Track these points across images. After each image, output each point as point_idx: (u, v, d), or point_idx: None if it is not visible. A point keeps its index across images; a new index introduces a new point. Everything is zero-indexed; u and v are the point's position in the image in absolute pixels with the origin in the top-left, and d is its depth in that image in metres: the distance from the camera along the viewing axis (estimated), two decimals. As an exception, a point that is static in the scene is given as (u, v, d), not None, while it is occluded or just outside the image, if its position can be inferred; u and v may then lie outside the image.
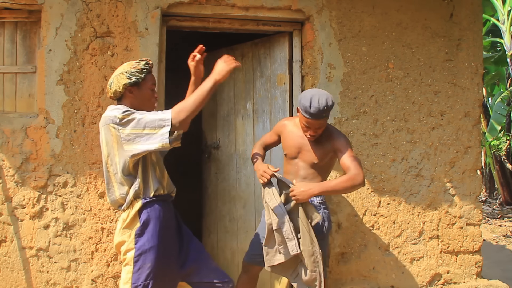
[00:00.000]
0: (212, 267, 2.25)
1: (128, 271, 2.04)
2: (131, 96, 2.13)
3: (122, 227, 2.08)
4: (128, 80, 2.09)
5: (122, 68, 2.14)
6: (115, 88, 2.11)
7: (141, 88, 2.13)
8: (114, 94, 2.13)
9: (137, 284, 2.01)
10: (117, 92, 2.11)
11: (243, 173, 3.31)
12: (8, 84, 2.78)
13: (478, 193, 3.19)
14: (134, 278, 2.01)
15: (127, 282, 2.03)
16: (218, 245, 3.44)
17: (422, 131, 3.10)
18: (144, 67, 2.13)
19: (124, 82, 2.09)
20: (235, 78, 3.42)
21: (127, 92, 2.11)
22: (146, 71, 2.14)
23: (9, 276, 2.65)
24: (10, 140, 2.66)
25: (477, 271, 3.16)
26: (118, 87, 2.10)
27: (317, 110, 2.23)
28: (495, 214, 8.69)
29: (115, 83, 2.11)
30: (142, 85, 2.13)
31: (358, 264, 2.99)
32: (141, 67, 2.13)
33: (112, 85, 2.12)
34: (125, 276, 2.05)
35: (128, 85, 2.10)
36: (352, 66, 3.02)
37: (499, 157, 9.45)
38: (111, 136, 2.02)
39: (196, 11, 2.90)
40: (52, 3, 2.69)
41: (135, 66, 2.13)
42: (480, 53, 3.22)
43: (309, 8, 2.97)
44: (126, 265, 2.06)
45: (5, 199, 2.65)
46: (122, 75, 2.11)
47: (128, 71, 2.11)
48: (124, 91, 2.11)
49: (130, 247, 2.04)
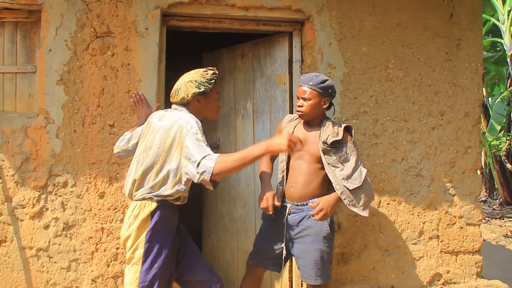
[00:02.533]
0: (203, 264, 2.30)
1: (136, 271, 2.07)
2: (197, 104, 2.22)
3: (133, 223, 2.10)
4: (198, 89, 2.18)
5: (191, 76, 2.21)
6: (183, 95, 2.19)
7: (207, 98, 2.23)
8: (180, 100, 2.21)
9: (145, 283, 2.04)
10: (184, 99, 2.20)
11: (243, 173, 3.31)
12: (8, 84, 2.78)
13: (478, 193, 3.19)
14: (141, 278, 2.05)
15: (134, 281, 2.06)
16: (218, 245, 3.44)
17: (422, 131, 3.10)
18: (212, 77, 2.21)
19: (193, 91, 2.18)
20: (235, 78, 3.42)
21: (195, 100, 2.21)
22: (214, 81, 2.22)
23: (9, 276, 2.65)
24: (10, 140, 2.66)
25: (477, 271, 3.16)
26: (187, 94, 2.18)
27: (306, 75, 2.45)
28: (495, 214, 8.69)
29: (183, 90, 2.19)
30: (209, 95, 2.23)
31: (358, 264, 2.99)
32: (209, 77, 2.20)
33: (180, 92, 2.20)
34: (132, 276, 2.08)
35: (196, 94, 2.18)
36: (352, 66, 3.02)
37: (499, 157, 9.45)
38: (180, 138, 2.08)
39: (196, 11, 2.90)
40: (52, 3, 2.70)
41: (204, 76, 2.20)
42: (480, 53, 3.22)
43: (309, 8, 2.97)
44: (134, 264, 2.08)
45: (5, 199, 2.65)
46: (191, 83, 2.18)
47: (197, 80, 2.19)
48: (192, 99, 2.19)
49: (139, 246, 2.08)
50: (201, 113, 2.25)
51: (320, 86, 2.40)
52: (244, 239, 3.27)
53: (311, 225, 2.38)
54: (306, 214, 2.40)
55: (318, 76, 2.43)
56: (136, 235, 2.09)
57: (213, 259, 3.46)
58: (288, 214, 2.43)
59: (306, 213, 2.40)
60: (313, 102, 2.40)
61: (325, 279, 2.39)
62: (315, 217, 2.32)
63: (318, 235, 2.37)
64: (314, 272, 2.37)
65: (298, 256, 2.42)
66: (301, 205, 2.42)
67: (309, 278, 2.39)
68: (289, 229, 2.42)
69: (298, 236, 2.41)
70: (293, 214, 2.43)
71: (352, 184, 2.33)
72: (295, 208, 2.43)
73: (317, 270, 2.37)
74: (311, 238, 2.37)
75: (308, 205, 2.40)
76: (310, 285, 2.44)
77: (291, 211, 2.43)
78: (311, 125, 2.49)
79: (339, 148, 2.37)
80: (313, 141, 2.43)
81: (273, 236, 2.47)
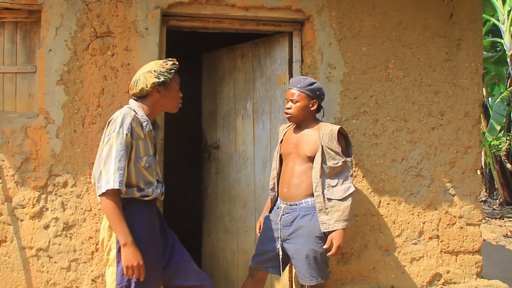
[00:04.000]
0: (193, 270, 2.23)
1: (112, 272, 2.01)
2: (158, 95, 2.14)
3: (105, 223, 2.05)
4: (157, 79, 2.09)
5: (150, 67, 2.14)
6: (142, 85, 2.10)
7: (168, 88, 2.15)
8: (140, 92, 2.12)
9: (122, 285, 1.98)
10: (143, 90, 2.11)
11: (243, 173, 3.31)
12: (8, 84, 2.78)
13: (478, 193, 3.19)
14: (118, 279, 1.99)
15: (112, 283, 2.00)
16: (218, 245, 3.44)
17: (422, 131, 3.10)
18: (172, 67, 2.14)
19: (153, 81, 2.09)
20: (235, 78, 3.42)
21: (155, 91, 2.12)
22: (174, 72, 2.15)
23: (9, 276, 2.65)
24: (10, 140, 2.66)
25: (477, 271, 3.16)
26: (146, 85, 2.10)
27: (295, 78, 2.53)
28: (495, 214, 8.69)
29: (142, 80, 2.10)
30: (169, 85, 2.15)
31: (358, 264, 2.99)
32: (169, 67, 2.13)
33: (139, 83, 2.11)
34: (109, 278, 2.02)
35: (156, 84, 2.10)
36: (352, 66, 3.02)
37: (499, 157, 9.45)
38: (102, 139, 2.05)
39: (196, 11, 2.90)
40: (52, 3, 2.69)
41: (164, 66, 2.13)
42: (480, 53, 3.22)
43: (309, 8, 2.97)
44: (110, 266, 2.03)
45: (5, 199, 2.65)
46: (150, 73, 2.10)
47: (156, 70, 2.11)
48: (152, 90, 2.11)
49: (112, 247, 2.02)
50: (162, 105, 2.17)
51: (308, 88, 2.45)
52: (244, 239, 3.27)
53: (303, 225, 2.40)
54: (299, 214, 2.42)
55: (307, 78, 2.49)
56: (109, 235, 2.03)
57: (213, 259, 3.46)
58: (283, 215, 2.47)
59: (299, 213, 2.43)
60: (302, 104, 2.45)
61: (321, 279, 2.41)
62: (332, 254, 2.36)
63: (310, 235, 2.38)
64: (308, 272, 2.39)
65: (293, 256, 2.45)
66: (294, 205, 2.45)
67: (305, 278, 2.41)
68: (283, 229, 2.46)
69: (292, 237, 2.43)
70: (286, 215, 2.46)
71: (332, 194, 2.38)
72: (289, 208, 2.47)
73: (311, 270, 2.38)
74: (304, 238, 2.39)
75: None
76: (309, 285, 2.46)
77: (285, 212, 2.47)
78: (301, 128, 2.53)
79: (336, 159, 2.40)
80: (303, 143, 2.48)
81: (271, 238, 2.50)
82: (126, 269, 1.92)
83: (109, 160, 1.96)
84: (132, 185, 2.06)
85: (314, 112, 2.52)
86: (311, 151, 2.43)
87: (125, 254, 1.93)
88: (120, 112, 2.06)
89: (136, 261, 1.92)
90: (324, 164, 2.39)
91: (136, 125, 2.06)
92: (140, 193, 2.06)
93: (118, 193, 1.98)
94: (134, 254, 1.93)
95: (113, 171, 1.94)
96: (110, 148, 1.98)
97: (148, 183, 2.12)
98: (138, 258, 1.93)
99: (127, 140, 2.00)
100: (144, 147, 2.10)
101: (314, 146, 2.43)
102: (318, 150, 2.40)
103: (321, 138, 2.41)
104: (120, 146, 1.97)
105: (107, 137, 2.00)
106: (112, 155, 1.96)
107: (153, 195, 2.12)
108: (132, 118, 2.04)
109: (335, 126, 2.45)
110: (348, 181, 2.42)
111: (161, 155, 2.90)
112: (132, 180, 2.06)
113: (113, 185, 1.92)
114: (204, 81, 3.66)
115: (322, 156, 2.39)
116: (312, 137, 2.46)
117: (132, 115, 2.06)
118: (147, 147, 2.12)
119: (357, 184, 2.99)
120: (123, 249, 1.93)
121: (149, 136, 2.15)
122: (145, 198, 2.09)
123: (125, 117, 2.03)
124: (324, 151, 2.39)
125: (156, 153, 2.24)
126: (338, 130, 2.43)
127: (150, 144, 2.16)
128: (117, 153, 1.96)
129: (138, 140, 2.06)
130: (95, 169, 2.02)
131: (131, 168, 2.04)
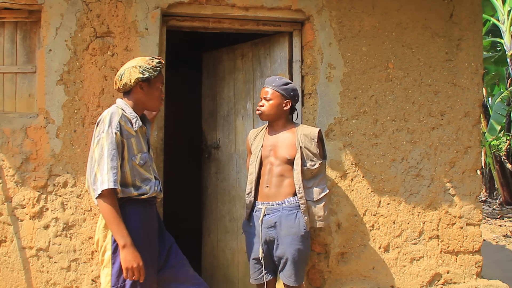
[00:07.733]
0: (189, 274, 2.22)
1: (107, 274, 2.00)
2: (140, 92, 2.12)
3: (100, 224, 2.05)
4: (141, 75, 2.07)
5: (135, 62, 2.12)
6: (126, 80, 2.09)
7: (151, 86, 2.13)
8: (123, 87, 2.11)
9: (117, 286, 1.97)
10: (127, 84, 2.09)
11: (243, 173, 3.31)
12: (8, 84, 2.78)
13: (478, 193, 3.19)
14: (113, 281, 1.98)
15: (107, 285, 2.00)
16: (218, 245, 3.44)
17: (422, 131, 3.10)
18: (157, 65, 2.13)
19: (137, 76, 2.07)
20: (235, 78, 3.42)
21: (138, 87, 2.11)
22: (159, 70, 2.14)
23: (9, 276, 2.65)
24: (10, 140, 2.66)
25: (477, 271, 3.16)
26: (129, 80, 2.08)
27: (270, 78, 2.54)
28: (495, 214, 8.69)
29: (126, 75, 2.09)
30: (153, 83, 2.13)
31: (358, 264, 2.99)
32: (155, 64, 2.12)
33: (123, 77, 2.10)
34: (104, 279, 2.02)
35: (140, 80, 2.08)
36: (352, 66, 3.02)
37: (499, 157, 9.45)
38: (92, 140, 2.05)
39: (196, 11, 2.90)
40: (52, 3, 2.70)
41: (149, 63, 2.11)
42: (480, 53, 3.22)
43: (309, 8, 2.97)
44: (104, 267, 2.02)
45: (5, 199, 2.65)
46: (135, 68, 2.08)
47: (142, 66, 2.09)
48: (135, 85, 2.10)
49: (107, 248, 2.01)
50: (143, 103, 2.15)
51: (282, 87, 2.46)
52: (244, 239, 3.26)
53: (289, 225, 2.39)
54: (283, 214, 2.41)
55: (282, 78, 2.51)
56: (104, 235, 2.03)
57: (213, 259, 3.46)
58: (264, 216, 2.43)
59: (283, 213, 2.41)
60: (274, 102, 2.46)
61: (299, 281, 2.42)
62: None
63: (296, 235, 2.38)
64: (293, 272, 2.39)
65: (279, 257, 2.42)
66: (276, 205, 2.43)
67: (289, 279, 2.40)
68: (267, 231, 2.43)
69: (278, 237, 2.41)
70: (268, 216, 2.43)
71: (307, 196, 2.41)
72: (270, 208, 2.44)
73: (296, 271, 2.38)
74: (290, 238, 2.38)
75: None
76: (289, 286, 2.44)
77: (266, 212, 2.43)
78: (276, 130, 2.53)
79: (314, 161, 2.42)
80: (281, 146, 2.47)
81: (255, 244, 2.48)
82: (126, 271, 1.92)
83: (102, 161, 1.95)
84: (127, 185, 2.05)
85: (287, 112, 2.52)
86: (290, 154, 2.44)
87: (125, 256, 1.92)
88: (108, 112, 2.05)
89: (136, 263, 1.92)
90: (304, 166, 2.41)
91: (125, 123, 2.05)
92: (137, 192, 2.06)
93: (115, 194, 1.97)
94: (134, 255, 1.92)
95: (107, 171, 1.93)
96: (102, 148, 1.97)
97: (145, 180, 2.11)
98: (138, 260, 1.93)
99: (117, 139, 1.99)
100: (137, 144, 2.09)
101: (293, 149, 2.44)
102: (297, 152, 2.41)
103: (299, 140, 2.42)
104: (111, 145, 1.97)
105: (97, 138, 2.00)
106: (105, 155, 1.95)
107: (151, 192, 2.11)
108: (120, 117, 2.03)
109: (314, 129, 2.47)
110: (323, 182, 2.46)
111: (161, 155, 2.90)
112: (127, 179, 2.05)
113: (107, 184, 1.92)
114: (204, 81, 3.66)
115: (301, 158, 2.40)
116: (289, 140, 2.47)
117: (120, 114, 2.05)
118: (140, 144, 2.11)
119: (357, 184, 2.99)
120: (122, 251, 1.92)
121: (141, 133, 2.14)
122: (142, 196, 2.08)
123: (113, 116, 2.02)
124: (304, 153, 2.41)
125: (150, 149, 2.22)
126: (318, 133, 2.44)
127: (143, 141, 2.14)
128: (108, 152, 1.96)
129: (129, 138, 2.05)
130: (89, 172, 2.01)
131: (125, 167, 2.04)
